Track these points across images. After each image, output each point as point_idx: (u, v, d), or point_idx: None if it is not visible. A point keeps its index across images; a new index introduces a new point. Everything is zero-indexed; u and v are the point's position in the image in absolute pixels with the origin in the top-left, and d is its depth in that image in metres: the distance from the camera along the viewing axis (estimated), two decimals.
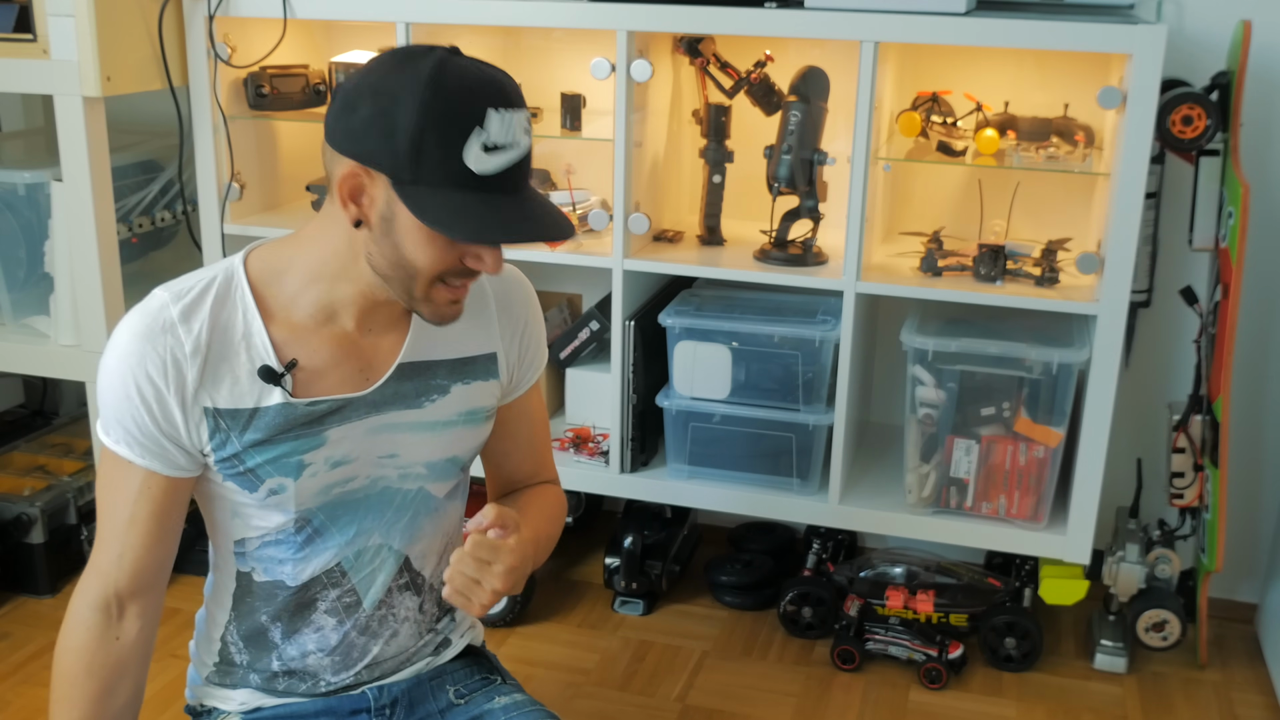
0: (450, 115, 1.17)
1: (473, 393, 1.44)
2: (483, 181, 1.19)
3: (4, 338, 2.41)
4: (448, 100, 1.17)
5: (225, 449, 1.30)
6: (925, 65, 2.33)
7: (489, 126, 1.18)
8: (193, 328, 1.27)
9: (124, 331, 1.27)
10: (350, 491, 1.37)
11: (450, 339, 1.41)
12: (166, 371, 1.25)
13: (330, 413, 1.33)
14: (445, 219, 1.19)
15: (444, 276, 1.26)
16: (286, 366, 1.30)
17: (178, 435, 1.28)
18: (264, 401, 1.30)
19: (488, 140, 1.19)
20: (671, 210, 2.46)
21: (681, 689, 2.22)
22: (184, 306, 1.27)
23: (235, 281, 1.30)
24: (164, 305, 1.27)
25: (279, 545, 1.38)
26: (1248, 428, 2.41)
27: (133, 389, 1.26)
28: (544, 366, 1.56)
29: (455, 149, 1.18)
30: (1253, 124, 2.23)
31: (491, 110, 1.19)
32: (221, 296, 1.29)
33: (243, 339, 1.29)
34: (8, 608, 2.43)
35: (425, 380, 1.39)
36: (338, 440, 1.34)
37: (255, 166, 2.50)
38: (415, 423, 1.39)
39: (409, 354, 1.38)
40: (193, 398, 1.27)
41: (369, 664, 1.46)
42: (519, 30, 2.51)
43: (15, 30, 2.16)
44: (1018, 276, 2.13)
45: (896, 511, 2.24)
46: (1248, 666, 2.33)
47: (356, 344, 1.35)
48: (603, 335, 2.40)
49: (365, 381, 1.35)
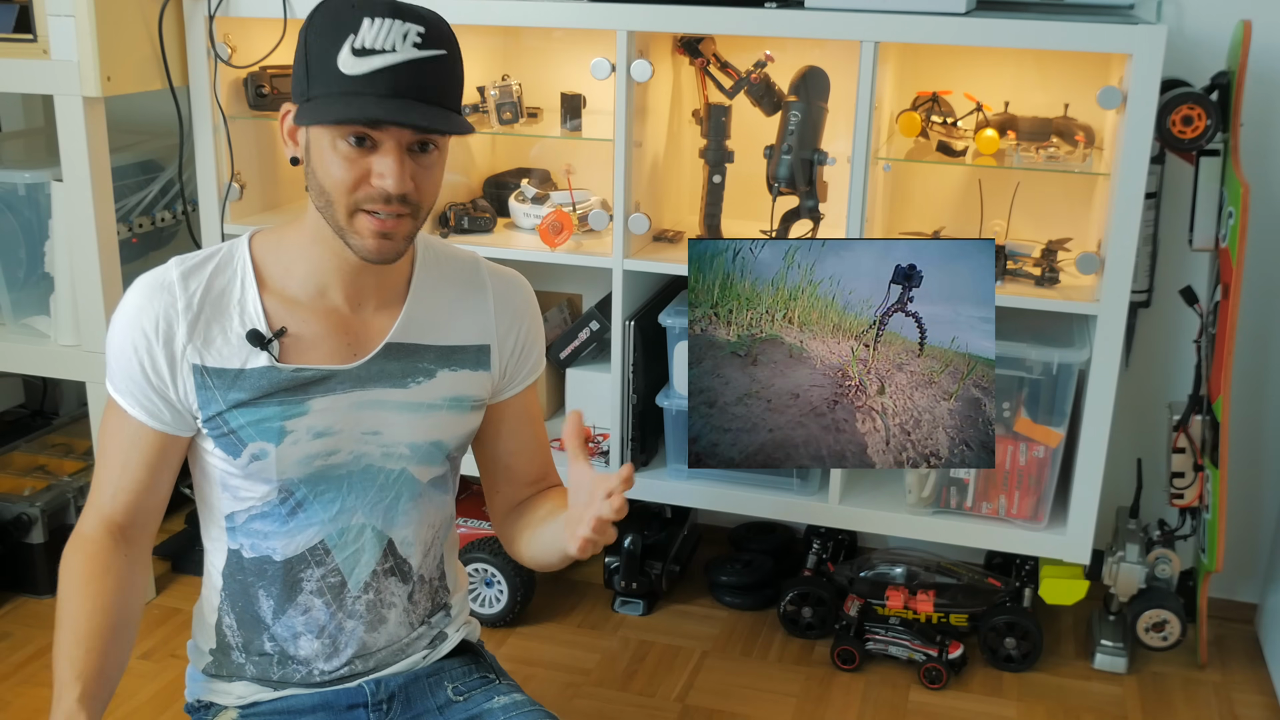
0: (327, 26, 1.27)
1: (460, 380, 1.47)
2: (355, 82, 1.25)
3: (4, 338, 2.41)
4: (328, 12, 1.27)
5: (210, 407, 1.36)
6: (925, 65, 2.33)
7: (361, 32, 1.25)
8: (189, 288, 1.36)
9: (131, 291, 1.37)
10: (333, 465, 1.41)
11: (442, 325, 1.46)
12: (158, 326, 1.34)
13: (314, 382, 1.38)
14: (311, 114, 1.27)
15: (360, 203, 1.30)
16: (276, 333, 1.37)
17: (166, 390, 1.35)
18: (250, 364, 1.36)
19: (356, 44, 1.25)
20: (671, 210, 2.46)
21: (681, 689, 2.22)
22: (185, 270, 1.37)
23: (238, 253, 1.40)
24: (169, 269, 1.37)
25: (265, 518, 1.41)
26: (1248, 428, 2.41)
27: (128, 342, 1.34)
28: (541, 368, 1.59)
29: (331, 57, 1.25)
30: (1253, 124, 2.23)
31: (366, 19, 1.25)
32: (223, 265, 1.39)
33: (237, 304, 1.37)
34: (8, 608, 2.43)
35: (412, 362, 1.43)
36: (321, 410, 1.38)
37: (255, 166, 2.50)
38: (400, 402, 1.43)
39: (398, 335, 1.43)
40: (181, 354, 1.34)
41: (360, 653, 1.48)
42: (519, 30, 2.51)
43: (15, 30, 2.16)
44: (1018, 276, 2.13)
45: (896, 511, 2.24)
46: (1248, 666, 2.33)
47: (347, 320, 1.41)
48: (603, 335, 2.40)
49: (352, 356, 1.40)
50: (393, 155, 1.27)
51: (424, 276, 1.46)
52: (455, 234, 2.37)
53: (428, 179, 1.33)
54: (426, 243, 1.50)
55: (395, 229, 1.31)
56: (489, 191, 2.54)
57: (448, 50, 1.30)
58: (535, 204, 2.39)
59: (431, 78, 1.28)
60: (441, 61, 1.29)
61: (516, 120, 2.34)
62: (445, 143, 1.34)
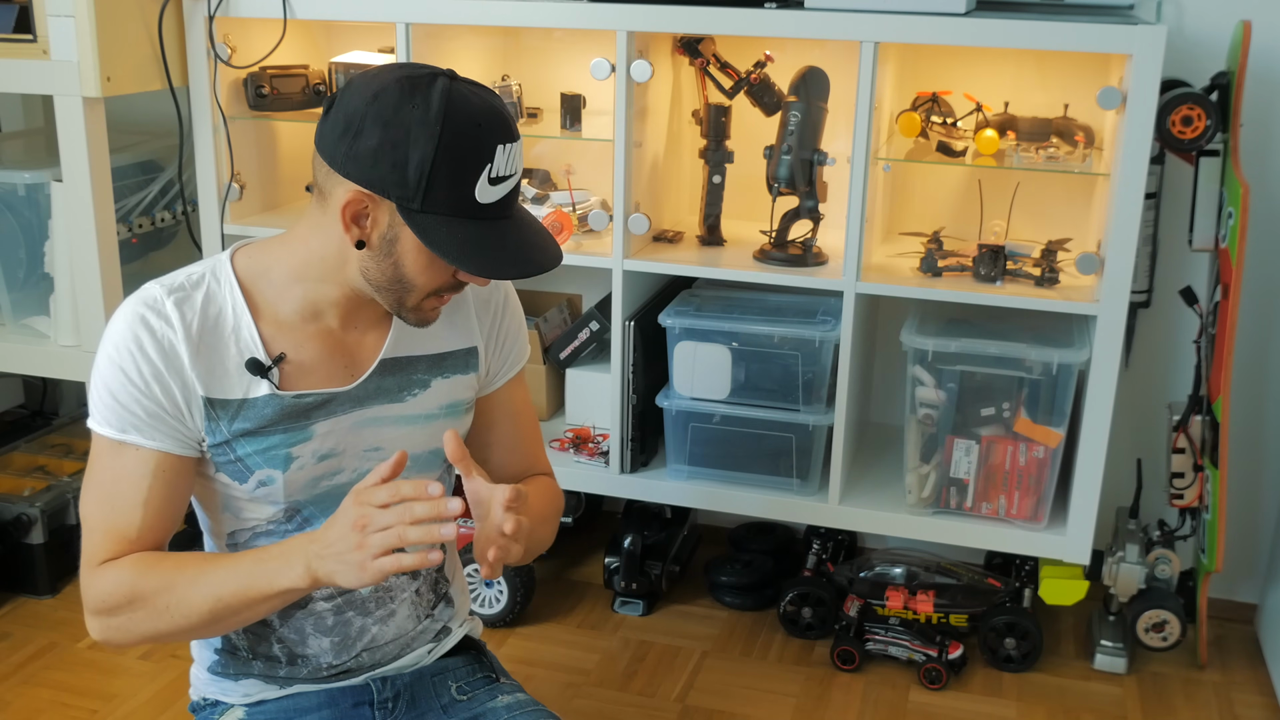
0: (462, 152, 1.23)
1: (453, 386, 1.48)
2: (485, 210, 1.26)
3: (4, 338, 2.41)
4: (459, 136, 1.22)
5: (216, 435, 1.33)
6: (925, 65, 2.33)
7: (496, 161, 1.24)
8: (185, 317, 1.31)
9: (119, 320, 1.31)
10: (338, 485, 1.40)
11: (430, 335, 1.46)
12: (164, 352, 1.30)
13: (316, 406, 1.37)
14: (454, 250, 1.25)
15: (438, 290, 1.33)
16: (275, 360, 1.35)
17: (179, 411, 1.31)
18: (252, 393, 1.34)
19: (493, 174, 1.25)
20: (671, 210, 2.46)
21: (681, 689, 2.22)
22: (176, 299, 1.32)
23: (224, 278, 1.36)
24: (157, 297, 1.32)
25: (270, 535, 1.40)
26: (1248, 428, 2.41)
27: (133, 371, 1.29)
28: (524, 361, 1.59)
29: (467, 184, 1.24)
30: (1253, 124, 2.23)
31: (499, 146, 1.25)
32: (212, 292, 1.34)
33: (232, 332, 1.34)
34: (8, 608, 2.43)
35: (407, 375, 1.44)
36: (324, 434, 1.38)
37: (255, 167, 2.50)
38: (398, 416, 1.43)
39: (390, 350, 1.42)
40: (191, 383, 1.31)
41: (368, 646, 1.48)
42: (519, 30, 2.51)
43: (15, 30, 2.16)
44: (1018, 277, 2.13)
45: (896, 512, 2.24)
46: (1248, 667, 2.33)
47: (341, 341, 1.40)
48: (603, 335, 2.40)
49: (350, 377, 1.40)
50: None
51: None
52: None
53: None
54: None
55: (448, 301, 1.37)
56: None
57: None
58: (535, 204, 2.39)
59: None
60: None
61: (516, 120, 2.33)
62: None
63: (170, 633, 1.30)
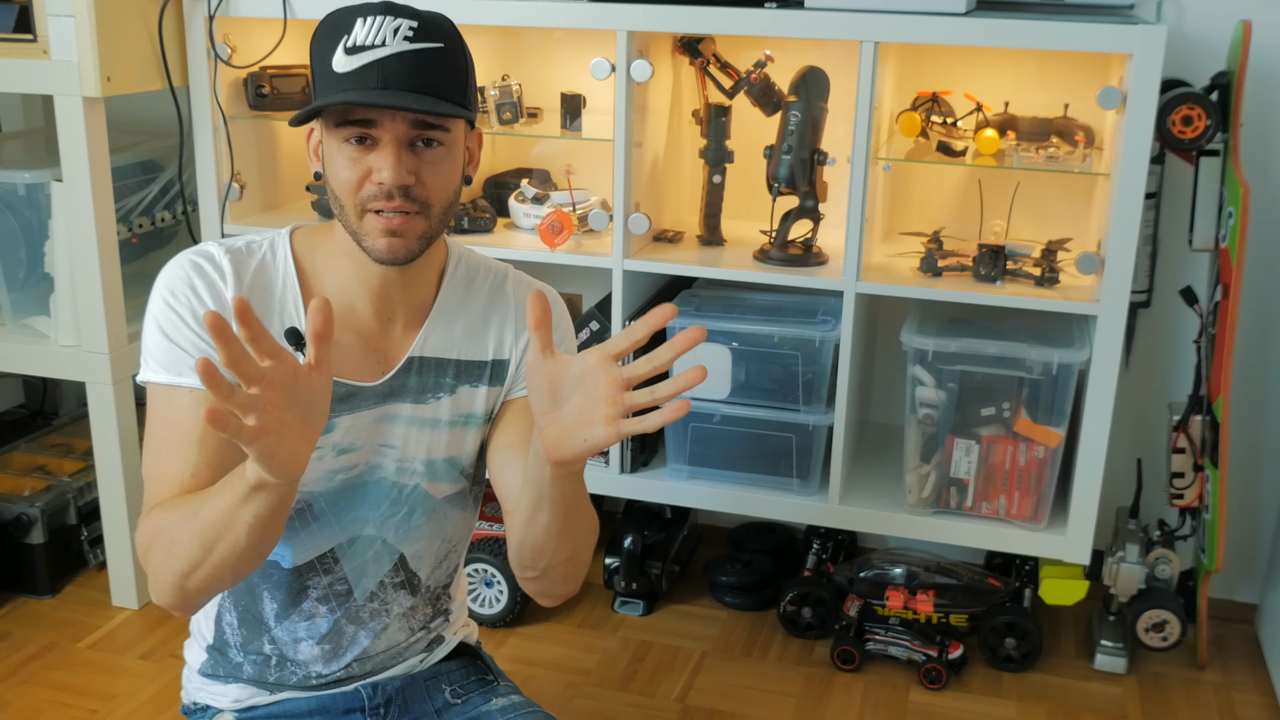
0: (326, 32, 1.28)
1: (478, 396, 1.45)
2: (345, 79, 1.26)
3: (4, 338, 2.40)
4: (329, 19, 1.29)
5: None
6: (925, 65, 2.33)
7: (355, 31, 1.26)
8: (240, 274, 1.34)
9: (174, 266, 1.34)
10: (351, 479, 1.40)
11: (464, 340, 1.44)
12: (217, 297, 1.32)
13: (342, 398, 1.36)
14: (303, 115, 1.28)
15: (365, 202, 1.29)
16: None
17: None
18: None
19: (349, 43, 1.26)
20: (671, 210, 2.46)
21: (681, 689, 2.22)
22: (232, 258, 1.35)
23: (280, 249, 1.39)
24: (213, 252, 1.35)
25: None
26: (1248, 428, 2.41)
27: (185, 310, 1.31)
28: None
29: (328, 61, 1.27)
30: (1253, 124, 2.23)
31: (359, 18, 1.26)
32: (266, 262, 1.37)
33: (279, 302, 1.36)
34: (8, 608, 2.43)
35: (435, 377, 1.42)
36: (347, 428, 1.37)
37: (255, 166, 2.49)
38: (416, 418, 1.42)
39: (420, 349, 1.41)
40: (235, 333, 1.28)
41: (359, 656, 1.47)
42: (519, 30, 2.51)
43: (15, 30, 2.16)
44: (1018, 277, 2.13)
45: (896, 512, 2.24)
46: (1248, 667, 2.33)
47: (376, 336, 1.40)
48: (603, 335, 2.40)
49: (380, 373, 1.39)
50: (389, 149, 1.27)
51: (450, 291, 1.45)
52: (455, 234, 2.37)
53: (433, 174, 1.30)
54: (460, 255, 1.48)
55: (404, 227, 1.30)
56: (489, 192, 2.54)
57: (444, 43, 1.28)
58: (535, 204, 2.39)
59: (424, 69, 1.26)
60: (436, 53, 1.27)
61: (516, 120, 2.34)
62: (451, 138, 1.31)
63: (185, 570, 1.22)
